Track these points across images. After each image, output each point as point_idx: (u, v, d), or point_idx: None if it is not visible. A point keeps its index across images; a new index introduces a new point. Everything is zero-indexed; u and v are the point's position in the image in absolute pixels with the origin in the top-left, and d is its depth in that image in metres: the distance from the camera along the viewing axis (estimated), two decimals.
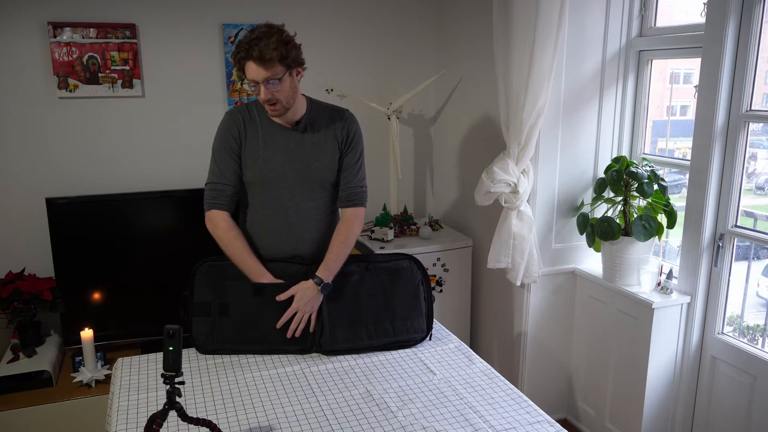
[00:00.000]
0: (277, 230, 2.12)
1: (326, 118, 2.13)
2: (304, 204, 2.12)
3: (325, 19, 3.32)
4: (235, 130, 2.07)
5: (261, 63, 1.89)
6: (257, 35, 1.90)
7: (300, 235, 2.13)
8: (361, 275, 2.12)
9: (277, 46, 1.89)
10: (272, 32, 1.91)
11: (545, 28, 2.44)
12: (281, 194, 2.10)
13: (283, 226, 2.12)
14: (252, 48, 1.88)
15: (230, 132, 2.07)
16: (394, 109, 3.28)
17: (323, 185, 2.14)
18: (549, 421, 1.70)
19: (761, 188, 2.48)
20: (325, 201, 2.16)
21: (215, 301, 2.04)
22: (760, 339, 2.39)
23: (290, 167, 2.08)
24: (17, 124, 2.91)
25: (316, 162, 2.10)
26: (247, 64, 1.91)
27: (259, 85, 1.93)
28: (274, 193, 2.10)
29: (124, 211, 2.91)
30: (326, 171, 2.12)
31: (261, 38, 1.89)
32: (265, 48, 1.88)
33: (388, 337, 2.07)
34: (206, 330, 2.03)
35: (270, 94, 1.94)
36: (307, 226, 2.14)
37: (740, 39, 2.22)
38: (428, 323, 2.14)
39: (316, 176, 2.11)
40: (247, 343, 2.03)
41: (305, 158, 2.09)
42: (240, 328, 2.03)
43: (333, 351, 2.04)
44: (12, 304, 2.78)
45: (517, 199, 2.66)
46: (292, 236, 2.13)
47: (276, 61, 1.90)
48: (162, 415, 1.50)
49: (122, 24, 2.96)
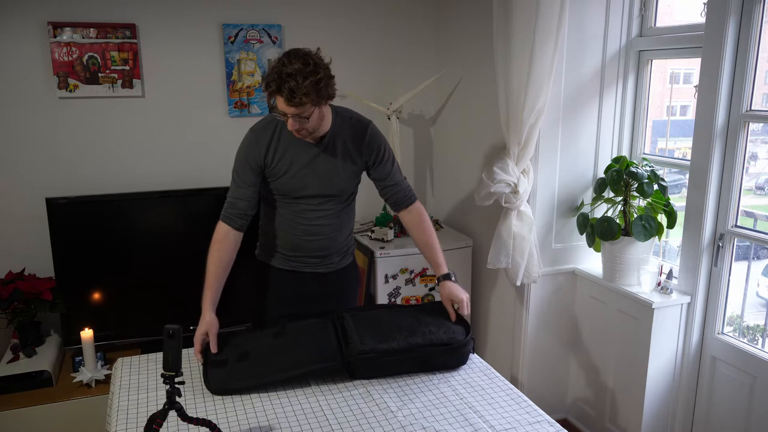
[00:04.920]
0: (293, 230, 2.15)
1: (350, 134, 2.10)
2: (322, 212, 2.12)
3: (325, 19, 3.32)
4: (258, 149, 2.05)
5: (292, 104, 1.84)
6: (291, 71, 1.80)
7: (314, 232, 2.15)
8: (387, 309, 2.15)
9: (309, 90, 1.82)
10: (307, 71, 1.81)
11: (545, 28, 2.44)
12: (301, 205, 2.11)
13: (299, 229, 2.14)
14: (283, 85, 1.81)
15: (253, 150, 2.05)
16: (394, 109, 3.27)
17: (342, 196, 2.15)
18: (549, 421, 1.70)
19: (761, 188, 2.48)
20: (342, 206, 2.17)
21: (233, 355, 1.93)
22: (760, 339, 2.39)
23: (312, 181, 2.08)
24: (17, 124, 2.91)
25: (335, 177, 2.10)
26: (277, 98, 1.86)
27: (287, 116, 1.90)
28: (294, 205, 2.12)
29: (124, 211, 2.91)
30: (346, 185, 2.13)
31: (294, 76, 1.80)
32: (296, 89, 1.80)
33: (425, 336, 1.94)
34: (223, 375, 1.87)
35: (298, 125, 1.92)
36: (323, 229, 2.15)
37: (740, 39, 2.22)
38: (466, 329, 2.03)
39: (337, 189, 2.12)
40: (269, 375, 1.87)
41: (327, 174, 2.09)
42: (260, 363, 1.91)
43: (362, 355, 1.89)
44: (12, 304, 2.78)
45: (517, 199, 2.66)
46: (306, 235, 2.14)
47: (306, 104, 1.85)
48: (162, 415, 1.50)
49: (122, 24, 2.96)
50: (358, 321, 2.01)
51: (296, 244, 2.15)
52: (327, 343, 1.94)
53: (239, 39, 3.16)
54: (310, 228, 2.13)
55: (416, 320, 2.01)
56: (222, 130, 3.23)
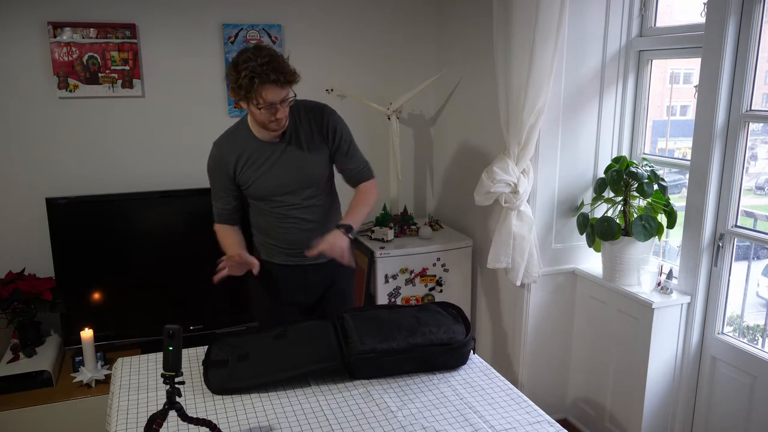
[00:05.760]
0: (286, 228, 2.19)
1: (307, 121, 2.13)
2: (305, 202, 2.17)
3: (325, 18, 3.32)
4: (225, 162, 2.13)
5: (284, 84, 1.90)
6: (267, 58, 1.87)
7: (306, 227, 2.18)
8: (388, 309, 2.16)
9: (291, 68, 1.92)
10: (278, 53, 1.92)
11: (545, 28, 2.44)
12: (283, 200, 2.15)
13: (291, 225, 2.19)
14: (268, 72, 1.87)
15: (220, 164, 2.14)
16: (394, 109, 3.27)
17: (319, 183, 2.19)
18: (549, 421, 1.70)
19: (761, 188, 2.48)
20: (322, 190, 2.21)
21: (233, 356, 1.94)
22: (760, 339, 2.39)
23: (287, 178, 2.12)
24: (17, 124, 2.91)
25: (307, 167, 2.13)
26: (265, 89, 1.89)
27: (276, 105, 1.93)
28: (275, 204, 2.16)
29: (125, 211, 2.91)
30: (319, 171, 2.17)
31: (275, 59, 1.88)
32: (284, 69, 1.89)
33: (425, 336, 1.93)
34: (224, 375, 1.89)
35: (287, 110, 1.98)
36: (313, 218, 2.20)
37: (740, 39, 2.22)
38: (466, 329, 2.02)
39: (312, 179, 2.16)
40: (269, 375, 1.87)
41: (298, 166, 2.12)
42: (261, 364, 1.91)
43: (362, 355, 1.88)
44: (12, 304, 2.78)
45: (517, 199, 2.66)
46: (299, 231, 2.18)
47: (294, 82, 1.93)
48: (162, 415, 1.50)
49: (122, 24, 2.96)
50: (358, 321, 2.02)
51: (292, 240, 2.19)
52: (327, 344, 1.94)
53: (239, 39, 3.15)
54: (300, 223, 2.17)
55: (416, 320, 2.01)
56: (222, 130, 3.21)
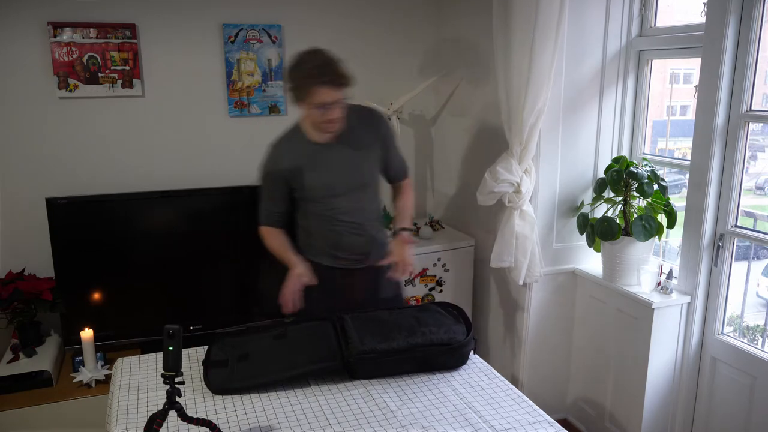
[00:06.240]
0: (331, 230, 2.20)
1: (360, 124, 2.18)
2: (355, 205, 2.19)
3: (325, 18, 3.32)
4: (281, 163, 2.14)
5: (339, 86, 1.98)
6: (324, 60, 1.98)
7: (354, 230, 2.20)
8: (388, 310, 2.16)
9: (347, 70, 2.00)
10: (333, 56, 2.00)
11: (545, 28, 2.44)
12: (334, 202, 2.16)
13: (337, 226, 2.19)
14: (324, 73, 1.95)
15: (276, 166, 2.16)
16: (395, 110, 3.27)
17: (370, 184, 2.23)
18: (549, 421, 1.70)
19: (761, 188, 2.48)
20: (372, 192, 2.26)
21: (233, 356, 1.94)
22: (760, 339, 2.39)
23: (340, 179, 2.15)
24: (17, 124, 2.91)
25: (360, 168, 2.17)
26: (318, 90, 1.95)
27: (330, 106, 1.98)
28: (325, 207, 2.17)
29: (125, 211, 2.90)
30: (371, 174, 2.22)
31: (330, 62, 1.98)
32: (340, 71, 1.98)
33: (425, 336, 1.93)
34: (224, 375, 1.88)
35: (340, 111, 2.02)
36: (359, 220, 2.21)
37: (740, 39, 2.22)
38: (467, 329, 2.02)
39: (363, 180, 2.19)
40: (269, 375, 1.87)
41: (352, 167, 2.16)
42: (261, 364, 1.91)
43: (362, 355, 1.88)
44: (12, 304, 2.78)
45: (519, 199, 2.66)
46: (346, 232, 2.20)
47: (349, 84, 2.00)
48: (162, 415, 1.50)
49: (122, 24, 2.96)
50: (358, 321, 2.02)
51: (342, 243, 2.20)
52: (327, 344, 1.94)
53: (239, 39, 3.16)
54: (349, 226, 2.18)
55: (416, 320, 2.01)
56: (222, 130, 3.23)
